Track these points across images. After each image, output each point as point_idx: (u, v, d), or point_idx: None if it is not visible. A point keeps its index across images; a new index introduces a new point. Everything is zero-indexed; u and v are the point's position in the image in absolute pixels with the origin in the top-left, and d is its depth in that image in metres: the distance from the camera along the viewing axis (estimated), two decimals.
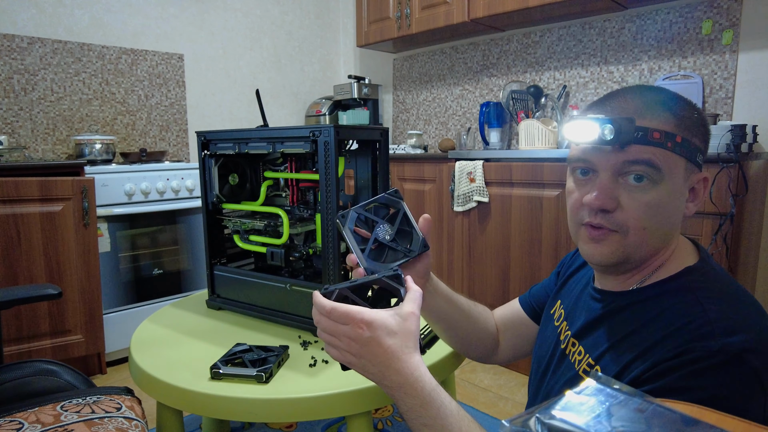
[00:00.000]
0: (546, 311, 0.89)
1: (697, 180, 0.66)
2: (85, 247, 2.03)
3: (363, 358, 0.62)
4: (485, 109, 2.71)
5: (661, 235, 0.65)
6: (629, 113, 0.63)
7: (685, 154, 0.63)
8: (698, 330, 0.57)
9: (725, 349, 0.54)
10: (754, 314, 0.60)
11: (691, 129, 0.64)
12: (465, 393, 2.04)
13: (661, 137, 0.62)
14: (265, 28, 3.29)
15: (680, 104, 0.65)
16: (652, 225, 0.64)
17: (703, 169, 0.67)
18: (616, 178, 0.64)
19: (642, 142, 0.62)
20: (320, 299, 0.65)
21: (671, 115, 0.64)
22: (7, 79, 2.35)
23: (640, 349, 0.61)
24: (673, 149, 0.62)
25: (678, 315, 0.60)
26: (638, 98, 0.66)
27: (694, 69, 2.15)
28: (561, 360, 0.76)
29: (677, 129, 0.63)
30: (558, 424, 0.36)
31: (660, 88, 0.69)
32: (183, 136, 2.98)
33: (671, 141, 0.62)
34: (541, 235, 2.07)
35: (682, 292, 0.63)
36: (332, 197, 1.07)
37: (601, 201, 0.64)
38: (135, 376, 1.03)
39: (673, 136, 0.62)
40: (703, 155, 0.66)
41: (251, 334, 1.17)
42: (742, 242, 1.76)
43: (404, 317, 0.62)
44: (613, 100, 0.67)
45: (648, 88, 0.69)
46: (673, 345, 0.57)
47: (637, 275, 0.69)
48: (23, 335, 1.92)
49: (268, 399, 0.87)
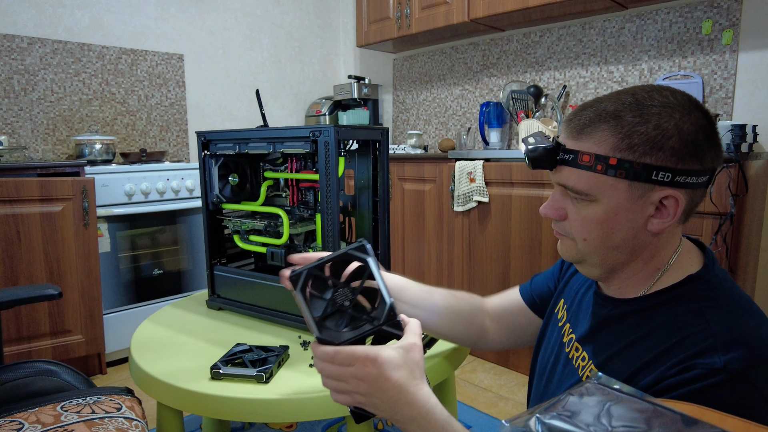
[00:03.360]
0: (550, 309, 0.89)
1: (661, 197, 0.62)
2: (85, 247, 2.03)
3: (373, 396, 0.61)
4: (485, 109, 2.72)
5: (610, 247, 0.66)
6: (575, 131, 0.66)
7: (624, 175, 0.61)
8: (701, 344, 0.57)
9: (728, 367, 0.54)
10: (757, 326, 0.60)
11: (639, 148, 0.61)
12: (465, 393, 2.04)
13: (590, 160, 0.63)
14: (265, 28, 3.29)
15: (636, 119, 0.61)
16: (592, 237, 0.67)
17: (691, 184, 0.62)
18: (565, 192, 0.69)
19: (571, 164, 0.65)
20: (321, 349, 0.63)
21: (612, 134, 0.62)
22: (7, 79, 2.35)
23: (644, 360, 0.61)
24: (604, 171, 0.62)
25: (681, 326, 0.60)
26: (592, 113, 0.64)
27: (694, 69, 2.15)
28: (565, 364, 0.76)
29: (614, 150, 0.61)
30: (558, 424, 0.36)
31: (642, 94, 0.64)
32: (183, 136, 2.98)
33: (602, 164, 0.62)
34: (541, 235, 2.07)
35: (684, 301, 0.63)
36: (332, 197, 1.07)
37: (546, 211, 0.71)
38: (135, 376, 1.03)
39: (605, 158, 0.62)
40: (670, 172, 0.60)
41: (251, 334, 1.17)
42: (742, 242, 1.76)
43: (407, 349, 0.62)
44: (578, 113, 0.67)
45: (617, 97, 0.65)
46: (676, 360, 0.57)
47: (630, 282, 0.69)
48: (23, 335, 1.92)
49: (268, 399, 0.87)
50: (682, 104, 0.62)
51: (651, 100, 0.63)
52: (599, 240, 0.66)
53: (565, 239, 0.71)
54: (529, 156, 0.68)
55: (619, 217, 0.64)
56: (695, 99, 0.64)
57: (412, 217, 2.63)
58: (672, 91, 0.64)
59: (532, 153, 0.67)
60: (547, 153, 0.66)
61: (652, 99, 0.63)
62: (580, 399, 0.39)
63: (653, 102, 0.62)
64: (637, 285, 0.68)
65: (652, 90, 0.64)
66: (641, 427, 0.36)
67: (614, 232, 0.65)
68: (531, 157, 0.67)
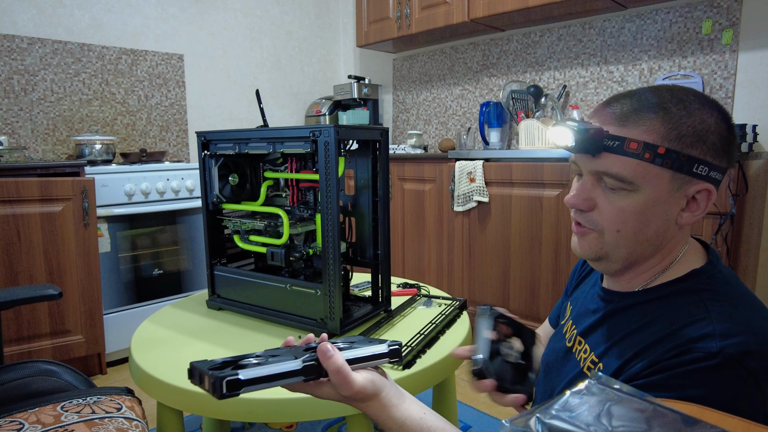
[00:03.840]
0: (561, 314, 0.90)
1: (696, 191, 0.63)
2: (85, 248, 2.03)
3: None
4: (485, 109, 2.72)
5: (642, 240, 0.66)
6: (619, 118, 0.64)
7: (670, 165, 0.61)
8: (699, 331, 0.57)
9: (724, 352, 0.54)
10: (759, 317, 0.60)
11: (687, 139, 0.61)
12: (465, 393, 2.04)
13: (638, 148, 0.62)
14: (265, 28, 3.29)
15: (682, 112, 0.62)
16: (627, 229, 0.65)
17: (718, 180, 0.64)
18: (597, 181, 0.67)
19: (616, 151, 0.63)
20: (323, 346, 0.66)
21: (661, 123, 0.62)
22: (7, 79, 2.35)
23: (640, 347, 0.61)
24: (651, 160, 0.61)
25: (681, 315, 0.61)
26: (635, 102, 0.64)
27: (694, 69, 2.15)
28: (566, 357, 0.77)
29: (663, 139, 0.61)
30: (558, 423, 0.36)
31: (675, 90, 0.65)
32: (183, 137, 2.98)
33: (650, 152, 0.61)
34: (541, 235, 2.07)
35: (687, 293, 0.63)
36: (332, 197, 1.07)
37: (574, 201, 0.68)
38: (135, 376, 1.03)
39: (653, 147, 0.61)
40: (708, 166, 0.62)
41: (251, 334, 1.17)
42: (742, 242, 1.76)
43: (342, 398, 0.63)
44: (617, 101, 0.67)
45: (654, 90, 0.66)
46: (674, 344, 0.58)
47: (642, 277, 0.69)
48: (23, 335, 1.92)
49: (268, 399, 0.87)
50: (714, 105, 0.64)
51: (688, 96, 0.64)
52: (632, 232, 0.65)
53: (590, 233, 0.68)
54: (576, 137, 0.64)
55: (657, 208, 0.64)
56: (719, 103, 0.65)
57: (412, 217, 2.63)
58: (700, 93, 0.65)
59: (580, 134, 0.63)
60: (595, 136, 0.63)
61: (688, 96, 0.64)
62: (580, 399, 0.39)
63: (691, 99, 0.63)
64: (646, 278, 0.69)
65: (683, 89, 0.65)
66: (641, 427, 0.36)
67: (649, 223, 0.65)
68: (579, 138, 0.64)
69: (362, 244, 1.30)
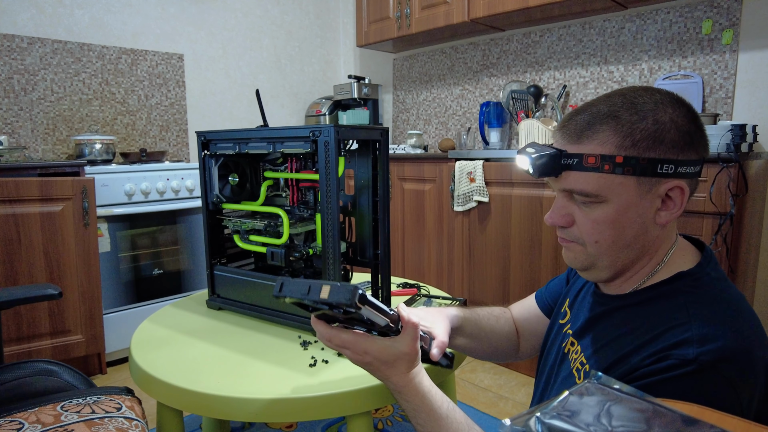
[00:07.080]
0: (557, 308, 0.90)
1: (668, 189, 0.64)
2: (85, 247, 2.03)
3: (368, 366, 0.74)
4: (485, 109, 2.71)
5: (622, 246, 0.67)
6: (574, 134, 0.66)
7: (632, 171, 0.62)
8: (678, 336, 0.58)
9: (700, 359, 0.55)
10: (741, 321, 0.60)
11: (643, 143, 0.62)
12: (465, 393, 2.04)
13: (596, 161, 0.63)
14: (265, 28, 3.29)
15: (634, 117, 0.63)
16: (604, 238, 0.66)
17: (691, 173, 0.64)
18: (569, 198, 0.69)
19: (577, 168, 0.65)
20: (318, 326, 0.75)
21: (614, 133, 0.63)
22: (7, 79, 2.35)
23: (623, 352, 0.62)
24: (612, 171, 0.62)
25: (662, 320, 0.61)
26: (587, 116, 0.66)
27: (694, 69, 2.15)
28: (563, 360, 0.78)
29: (618, 148, 0.62)
30: (558, 423, 0.36)
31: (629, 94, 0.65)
32: (183, 136, 2.98)
33: (609, 163, 0.62)
34: (541, 235, 2.07)
35: (673, 296, 0.64)
36: (332, 197, 1.07)
37: (553, 219, 0.71)
38: (135, 376, 1.03)
39: (611, 158, 0.62)
40: (673, 164, 0.62)
41: (251, 334, 1.17)
42: (742, 242, 1.76)
43: (397, 356, 0.71)
44: (573, 117, 0.68)
45: (607, 99, 0.66)
46: (652, 351, 0.59)
47: (632, 280, 0.70)
48: (23, 335, 1.92)
49: (268, 399, 0.87)
50: (669, 100, 0.65)
51: (641, 98, 0.64)
52: (611, 240, 0.66)
53: (574, 246, 0.70)
54: (534, 164, 0.67)
55: (629, 213, 0.65)
56: (677, 95, 0.66)
57: (412, 217, 2.63)
58: (655, 90, 0.66)
59: (538, 160, 0.66)
60: (552, 159, 0.65)
61: (641, 97, 0.65)
62: (580, 399, 0.39)
63: (644, 100, 0.64)
64: (637, 281, 0.69)
65: (637, 90, 0.66)
66: (641, 427, 0.36)
67: (626, 229, 0.66)
68: (536, 164, 0.66)
69: (362, 244, 1.30)
